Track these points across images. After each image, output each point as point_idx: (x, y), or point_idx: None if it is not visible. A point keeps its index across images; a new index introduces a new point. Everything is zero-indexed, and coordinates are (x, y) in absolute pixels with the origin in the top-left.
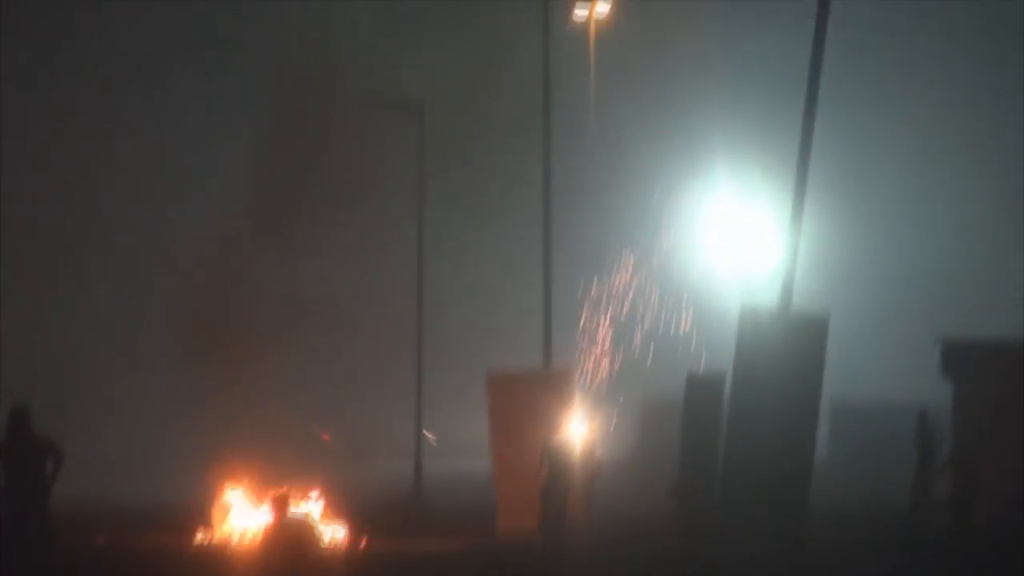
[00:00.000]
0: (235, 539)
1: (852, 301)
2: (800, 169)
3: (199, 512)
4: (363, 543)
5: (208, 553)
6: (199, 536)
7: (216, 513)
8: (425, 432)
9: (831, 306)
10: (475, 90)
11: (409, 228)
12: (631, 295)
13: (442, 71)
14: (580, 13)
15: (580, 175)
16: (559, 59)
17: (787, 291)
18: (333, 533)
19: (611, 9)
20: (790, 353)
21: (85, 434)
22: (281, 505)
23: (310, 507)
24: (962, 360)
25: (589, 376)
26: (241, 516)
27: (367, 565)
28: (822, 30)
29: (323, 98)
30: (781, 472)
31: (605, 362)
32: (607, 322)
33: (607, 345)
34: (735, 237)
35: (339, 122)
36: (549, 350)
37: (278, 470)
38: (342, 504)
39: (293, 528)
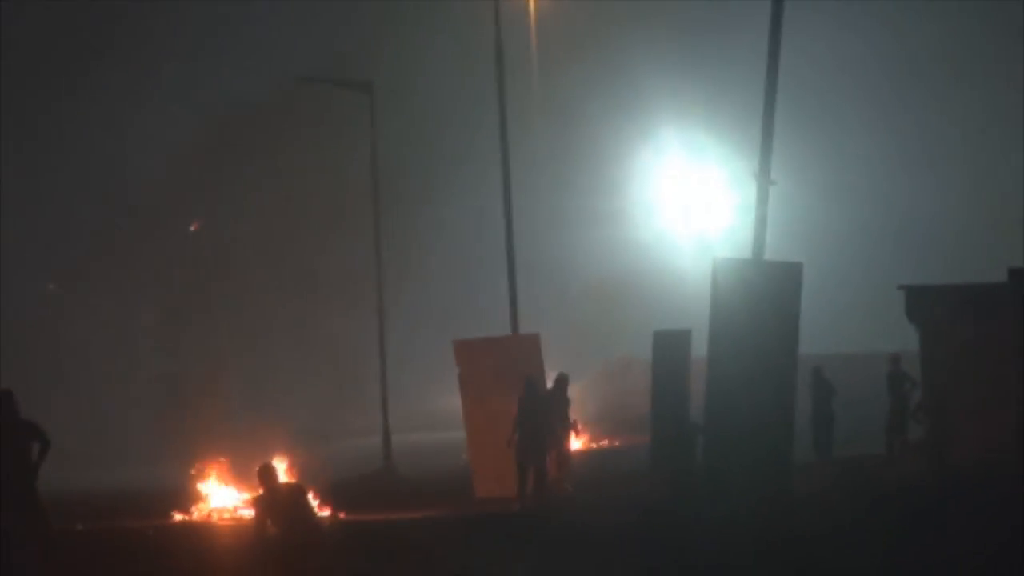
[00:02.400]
0: (217, 515)
1: (816, 254)
2: (767, 113)
3: (177, 496)
4: (341, 514)
5: (195, 529)
6: (180, 517)
7: (194, 495)
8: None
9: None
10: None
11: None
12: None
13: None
14: None
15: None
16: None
17: (760, 240)
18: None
19: None
20: (767, 299)
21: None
22: (269, 473)
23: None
24: (926, 305)
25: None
26: (218, 496)
27: (351, 533)
28: None
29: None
30: (764, 421)
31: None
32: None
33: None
34: (690, 198)
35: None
36: (515, 314)
37: (246, 454)
38: (316, 479)
39: (288, 490)
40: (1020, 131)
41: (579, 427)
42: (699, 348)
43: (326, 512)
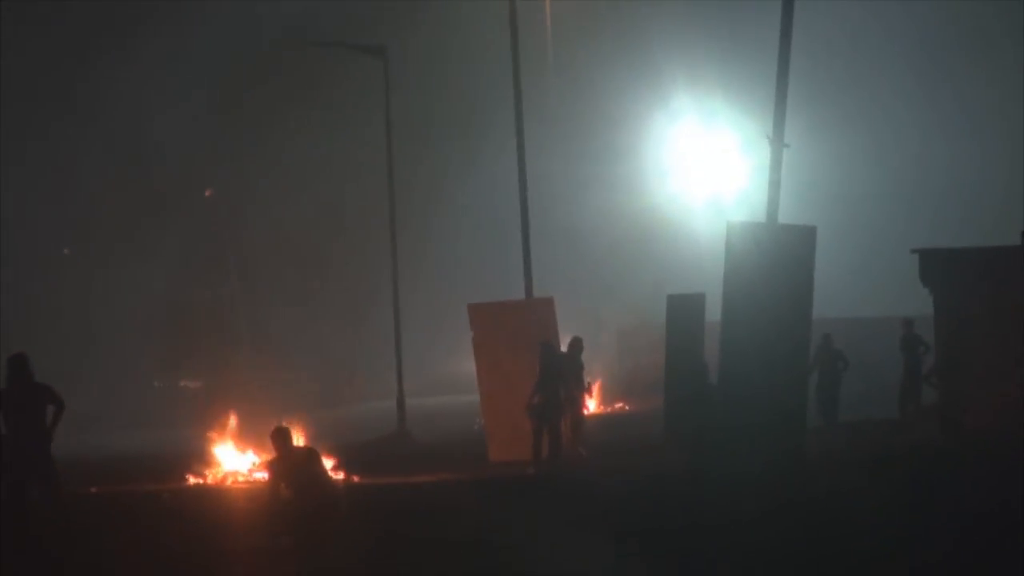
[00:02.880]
0: (231, 479)
1: (830, 217)
2: (781, 77)
3: (191, 460)
4: (355, 477)
5: (209, 492)
6: (195, 480)
7: (208, 459)
8: None
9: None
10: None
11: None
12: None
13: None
14: None
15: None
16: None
17: (774, 204)
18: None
19: None
20: (781, 263)
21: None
22: (284, 437)
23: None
24: (938, 268)
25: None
26: (232, 459)
27: (364, 497)
28: None
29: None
30: (778, 383)
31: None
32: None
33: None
34: (703, 162)
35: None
36: (530, 278)
37: (260, 417)
38: (329, 443)
39: (302, 454)
40: None
41: (592, 390)
42: (712, 312)
43: (340, 476)
